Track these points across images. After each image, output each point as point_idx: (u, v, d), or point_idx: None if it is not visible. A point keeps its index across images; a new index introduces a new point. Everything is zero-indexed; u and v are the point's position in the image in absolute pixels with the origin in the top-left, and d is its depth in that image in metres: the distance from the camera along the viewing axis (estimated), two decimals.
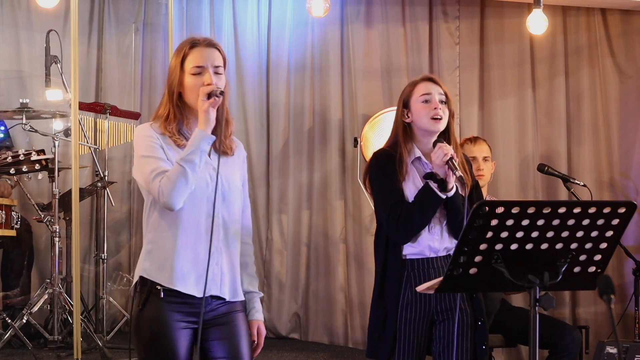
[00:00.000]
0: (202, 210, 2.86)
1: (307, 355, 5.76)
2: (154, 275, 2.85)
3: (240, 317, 2.97)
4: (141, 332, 2.87)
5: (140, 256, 2.93)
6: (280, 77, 6.50)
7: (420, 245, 3.36)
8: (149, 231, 2.91)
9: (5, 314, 5.45)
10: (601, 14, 6.30)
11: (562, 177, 5.49)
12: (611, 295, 2.35)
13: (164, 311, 2.83)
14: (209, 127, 2.83)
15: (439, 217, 3.36)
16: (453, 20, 6.45)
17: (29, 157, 4.80)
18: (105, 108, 6.00)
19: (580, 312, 6.18)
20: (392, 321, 3.35)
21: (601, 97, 6.28)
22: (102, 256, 6.01)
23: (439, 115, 3.35)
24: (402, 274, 3.35)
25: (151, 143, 2.87)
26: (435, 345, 3.39)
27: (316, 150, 6.47)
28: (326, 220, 6.38)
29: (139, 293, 2.88)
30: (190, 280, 2.84)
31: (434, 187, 3.27)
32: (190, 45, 2.91)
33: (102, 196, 6.06)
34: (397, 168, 3.35)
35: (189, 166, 2.79)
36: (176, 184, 2.78)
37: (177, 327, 2.84)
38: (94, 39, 6.66)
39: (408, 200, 3.34)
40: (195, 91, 2.87)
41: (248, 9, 6.61)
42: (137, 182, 2.94)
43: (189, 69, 2.89)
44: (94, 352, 5.28)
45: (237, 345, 2.93)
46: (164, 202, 2.80)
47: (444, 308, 3.37)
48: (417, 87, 3.41)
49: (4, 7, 6.52)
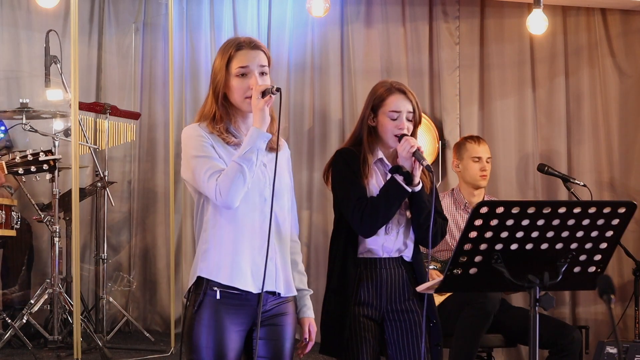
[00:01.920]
0: (255, 206, 2.87)
1: (307, 355, 5.74)
2: (212, 274, 2.84)
3: (290, 321, 3.00)
4: (195, 334, 2.85)
5: (196, 257, 2.92)
6: (280, 77, 6.50)
7: (374, 244, 3.39)
8: (204, 230, 2.91)
9: (5, 314, 5.46)
10: (601, 14, 6.29)
11: (562, 177, 5.49)
12: (611, 295, 2.35)
13: (219, 313, 2.83)
14: (265, 124, 2.83)
15: (397, 217, 3.38)
16: (453, 20, 6.45)
17: (37, 157, 4.81)
18: (105, 108, 6.01)
19: (580, 312, 6.18)
20: (348, 318, 3.38)
21: (601, 97, 6.28)
22: (102, 256, 6.01)
23: (404, 133, 3.37)
24: (356, 271, 3.40)
25: (202, 142, 2.86)
26: (388, 346, 3.42)
27: (316, 150, 6.47)
28: (326, 220, 6.37)
29: (194, 294, 2.87)
30: (247, 277, 2.84)
31: (400, 180, 3.29)
32: (236, 48, 2.91)
33: (102, 196, 6.06)
34: (361, 167, 3.38)
35: (247, 164, 2.79)
36: (234, 182, 2.77)
37: (231, 330, 2.85)
38: (94, 39, 6.67)
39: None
40: (240, 93, 2.88)
41: (248, 9, 6.61)
42: (187, 182, 2.94)
43: (234, 71, 2.89)
44: (94, 352, 5.28)
45: (280, 348, 2.96)
46: (222, 201, 2.79)
47: (394, 309, 3.41)
48: (389, 99, 3.40)
49: (4, 7, 6.53)
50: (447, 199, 4.92)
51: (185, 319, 2.90)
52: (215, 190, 2.79)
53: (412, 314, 3.41)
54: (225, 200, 2.79)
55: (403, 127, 3.36)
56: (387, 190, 3.32)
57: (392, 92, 3.42)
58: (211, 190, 2.80)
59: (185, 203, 6.54)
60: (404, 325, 3.40)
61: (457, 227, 4.84)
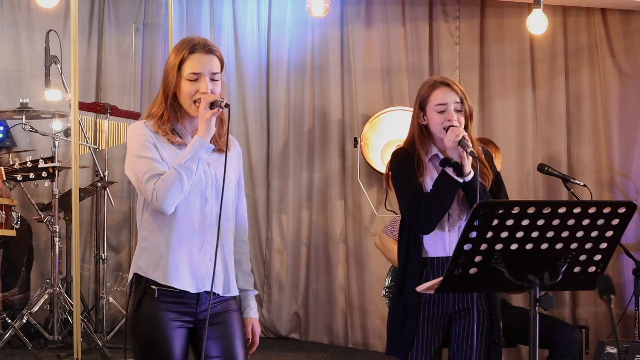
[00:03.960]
0: (195, 206, 2.88)
1: (307, 356, 5.76)
2: (149, 273, 2.86)
3: (235, 317, 2.97)
4: (137, 332, 2.87)
5: (135, 253, 2.94)
6: (280, 77, 6.50)
7: (439, 243, 3.35)
8: (143, 228, 2.92)
9: (5, 314, 5.45)
10: (601, 14, 6.30)
11: (562, 177, 5.49)
12: (611, 295, 2.35)
13: (158, 311, 2.84)
14: (209, 135, 2.84)
15: (458, 212, 3.35)
16: (453, 20, 6.45)
17: (36, 164, 4.81)
18: (105, 108, 6.00)
19: (580, 312, 6.18)
20: (411, 319, 3.35)
21: (601, 97, 6.28)
22: (102, 256, 6.00)
23: (451, 125, 3.33)
24: (421, 271, 3.35)
25: (145, 142, 2.87)
26: (452, 342, 3.39)
27: (316, 150, 6.47)
28: (326, 220, 6.38)
29: (133, 293, 2.89)
30: (185, 276, 2.85)
31: (450, 172, 3.26)
32: (190, 50, 2.89)
33: (102, 196, 6.06)
34: (416, 166, 3.36)
35: (186, 173, 2.80)
36: (171, 189, 2.79)
37: (172, 326, 2.85)
38: (94, 39, 6.66)
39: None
40: (189, 97, 2.88)
41: (248, 9, 6.61)
42: (130, 179, 2.95)
43: (185, 74, 2.88)
44: (94, 352, 5.28)
45: (231, 345, 2.93)
46: (156, 206, 2.81)
47: (461, 307, 3.38)
48: (434, 94, 3.39)
49: (4, 7, 6.52)
50: None
51: (127, 317, 2.92)
52: (152, 194, 2.81)
53: (479, 311, 3.37)
54: (160, 205, 2.80)
55: (452, 118, 3.33)
56: (438, 183, 3.29)
57: (436, 87, 3.40)
58: (148, 193, 2.82)
59: None
60: (468, 323, 3.35)
61: None
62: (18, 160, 5.05)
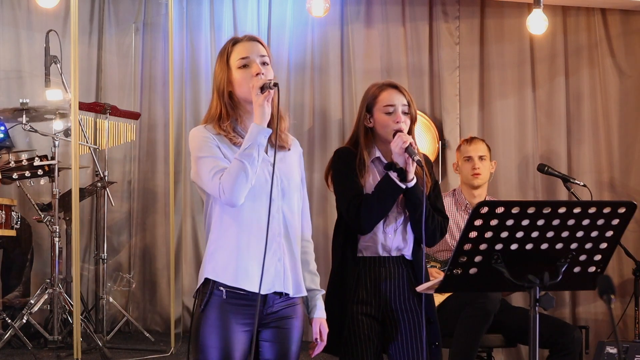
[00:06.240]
0: (262, 207, 2.84)
1: (307, 355, 5.75)
2: (219, 276, 2.84)
3: (297, 323, 2.97)
4: (201, 334, 2.84)
5: (204, 258, 2.92)
6: (280, 77, 6.50)
7: (373, 242, 3.41)
8: (211, 232, 2.90)
9: (5, 314, 5.46)
10: (601, 14, 6.29)
11: (562, 177, 5.49)
12: (611, 295, 2.35)
13: (226, 313, 2.83)
14: (265, 120, 2.81)
15: (395, 214, 3.39)
16: (453, 20, 6.45)
17: (31, 162, 4.81)
18: (105, 108, 6.01)
19: (580, 312, 6.17)
20: (347, 316, 3.38)
21: (601, 97, 6.27)
22: (102, 256, 6.01)
23: (401, 128, 3.37)
24: (356, 271, 3.41)
25: (207, 143, 2.85)
26: (389, 345, 3.43)
27: (316, 150, 6.47)
28: (326, 221, 6.37)
29: (201, 294, 2.87)
30: (254, 277, 2.81)
31: (394, 177, 3.30)
32: (233, 43, 2.92)
33: (102, 196, 6.06)
34: (357, 166, 3.40)
35: (248, 160, 2.77)
36: (237, 179, 2.76)
37: (237, 330, 2.83)
38: (94, 39, 6.67)
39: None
40: (245, 84, 2.85)
41: (248, 9, 6.61)
42: (197, 184, 2.92)
43: (235, 64, 2.88)
44: (94, 352, 5.28)
45: (286, 352, 2.94)
46: (225, 199, 2.78)
47: (395, 308, 3.42)
48: (382, 95, 3.43)
49: (4, 7, 6.53)
50: (448, 199, 4.92)
51: (192, 319, 2.90)
52: (219, 188, 2.78)
53: (413, 313, 3.42)
54: (229, 197, 2.77)
55: (400, 120, 3.38)
56: (380, 186, 3.34)
57: (384, 89, 3.45)
58: (215, 189, 2.79)
59: (185, 203, 6.53)
60: (404, 325, 3.40)
61: (457, 228, 4.84)
62: (14, 159, 5.05)
